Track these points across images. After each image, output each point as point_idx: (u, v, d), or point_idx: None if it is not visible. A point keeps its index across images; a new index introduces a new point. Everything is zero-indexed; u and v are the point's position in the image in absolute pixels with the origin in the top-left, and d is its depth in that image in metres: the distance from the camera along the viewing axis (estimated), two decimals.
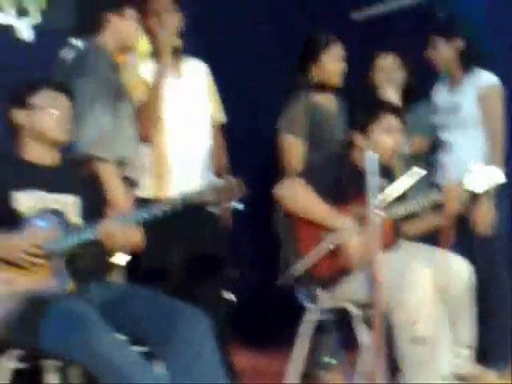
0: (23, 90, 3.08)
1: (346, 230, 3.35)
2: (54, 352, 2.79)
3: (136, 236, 3.05)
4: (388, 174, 3.57)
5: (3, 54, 4.03)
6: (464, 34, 4.05)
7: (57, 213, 2.98)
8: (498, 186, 3.52)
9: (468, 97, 3.99)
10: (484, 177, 3.47)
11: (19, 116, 3.06)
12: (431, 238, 3.63)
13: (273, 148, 4.02)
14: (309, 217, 3.44)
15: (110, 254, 3.04)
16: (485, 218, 3.86)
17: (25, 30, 4.23)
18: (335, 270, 3.40)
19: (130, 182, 3.52)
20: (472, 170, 3.48)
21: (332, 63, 4.00)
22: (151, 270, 3.53)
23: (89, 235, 2.92)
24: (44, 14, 4.27)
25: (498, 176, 3.48)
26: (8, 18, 4.19)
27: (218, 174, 3.72)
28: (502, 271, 3.92)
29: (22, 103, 3.05)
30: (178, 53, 3.71)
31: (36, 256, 2.89)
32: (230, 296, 3.79)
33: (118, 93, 3.49)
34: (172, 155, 3.69)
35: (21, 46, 4.17)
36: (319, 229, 3.44)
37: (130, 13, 3.58)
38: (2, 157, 3.12)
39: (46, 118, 3.03)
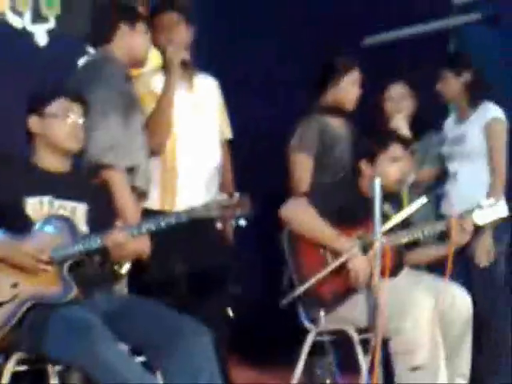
0: (39, 99, 3.09)
1: (348, 252, 3.37)
2: (57, 357, 2.81)
3: (142, 245, 3.07)
4: (395, 201, 3.60)
5: (18, 57, 4.06)
6: (473, 67, 4.11)
7: (65, 219, 3.00)
8: (500, 219, 3.57)
9: (473, 128, 4.05)
10: (491, 211, 3.51)
11: (34, 124, 3.08)
12: (433, 266, 3.67)
13: (281, 165, 4.06)
14: (312, 237, 3.47)
15: (116, 263, 3.06)
16: (486, 250, 3.91)
17: (40, 35, 4.26)
18: (337, 292, 3.43)
19: (139, 193, 3.54)
20: (482, 205, 3.53)
21: (350, 88, 4.05)
22: (154, 282, 3.55)
23: (96, 244, 2.94)
24: (59, 19, 4.30)
25: (503, 210, 3.53)
26: (24, 22, 4.22)
27: (225, 190, 3.75)
28: (501, 302, 3.96)
29: (37, 111, 3.07)
30: (187, 67, 3.74)
31: (41, 262, 2.90)
32: (229, 312, 3.81)
33: (130, 103, 3.51)
34: (181, 169, 3.72)
35: (35, 51, 4.19)
36: (322, 250, 3.48)
37: (141, 27, 3.61)
38: (15, 162, 3.15)
39: (60, 127, 3.05)
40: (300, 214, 3.48)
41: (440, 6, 5.16)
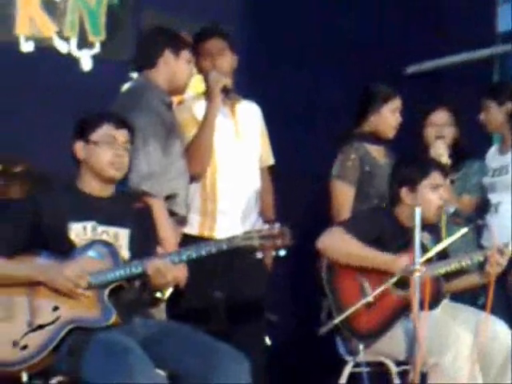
0: (85, 125, 3.13)
1: (403, 269, 3.33)
2: (95, 381, 2.82)
3: (181, 272, 3.09)
4: (433, 231, 3.58)
5: (64, 82, 4.13)
6: None
7: (107, 245, 3.03)
8: None
9: None
10: None
11: (79, 149, 3.12)
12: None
13: (322, 193, 4.05)
14: (359, 263, 3.43)
15: (155, 289, 3.07)
16: None
17: (85, 60, 4.32)
18: (375, 324, 3.41)
19: (179, 219, 3.56)
20: None
21: (391, 116, 4.06)
22: (193, 309, 3.57)
23: (137, 270, 2.96)
24: (104, 45, 4.36)
25: None
26: (70, 47, 4.29)
27: (265, 216, 3.76)
28: None
29: (82, 137, 3.11)
30: (230, 93, 3.76)
31: (81, 286, 2.93)
32: (266, 340, 3.81)
33: (170, 130, 3.54)
34: (221, 195, 3.74)
35: (80, 75, 4.26)
36: (360, 280, 3.46)
37: (186, 55, 3.64)
38: (60, 186, 3.20)
39: (102, 155, 3.07)
40: (340, 244, 3.46)
41: (484, 35, 5.15)
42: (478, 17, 5.21)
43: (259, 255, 2.99)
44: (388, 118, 4.06)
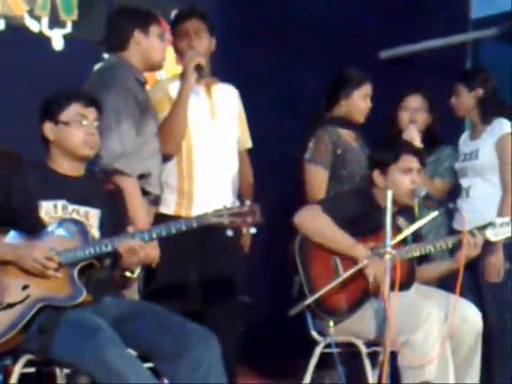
0: (53, 105, 3.08)
1: (365, 259, 3.36)
2: (65, 360, 2.82)
3: (153, 251, 3.07)
4: (410, 216, 3.60)
5: (35, 61, 4.08)
6: (487, 84, 4.10)
7: (78, 223, 3.01)
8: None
9: (486, 144, 4.05)
10: (504, 229, 3.50)
11: (48, 131, 3.08)
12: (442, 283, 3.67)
13: (296, 177, 4.05)
14: (327, 244, 3.47)
15: (126, 268, 3.05)
16: (497, 267, 3.90)
17: (56, 40, 4.28)
18: (345, 302, 3.42)
19: (152, 198, 3.54)
20: (495, 223, 3.52)
21: (362, 101, 4.06)
22: (166, 288, 3.55)
23: (107, 248, 2.94)
24: (76, 24, 4.32)
25: None
26: (41, 26, 4.24)
27: (244, 198, 3.75)
28: (509, 318, 3.94)
29: (51, 118, 3.07)
30: (203, 72, 3.71)
31: (50, 268, 2.90)
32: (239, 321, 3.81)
33: (144, 110, 3.52)
34: (198, 174, 3.71)
35: (52, 55, 4.22)
36: (333, 260, 3.47)
37: (155, 29, 3.60)
38: (31, 166, 3.16)
39: (74, 134, 3.04)
40: (314, 221, 3.48)
41: (458, 21, 5.17)
42: (452, 3, 5.24)
43: (230, 233, 2.98)
44: (359, 103, 4.06)
